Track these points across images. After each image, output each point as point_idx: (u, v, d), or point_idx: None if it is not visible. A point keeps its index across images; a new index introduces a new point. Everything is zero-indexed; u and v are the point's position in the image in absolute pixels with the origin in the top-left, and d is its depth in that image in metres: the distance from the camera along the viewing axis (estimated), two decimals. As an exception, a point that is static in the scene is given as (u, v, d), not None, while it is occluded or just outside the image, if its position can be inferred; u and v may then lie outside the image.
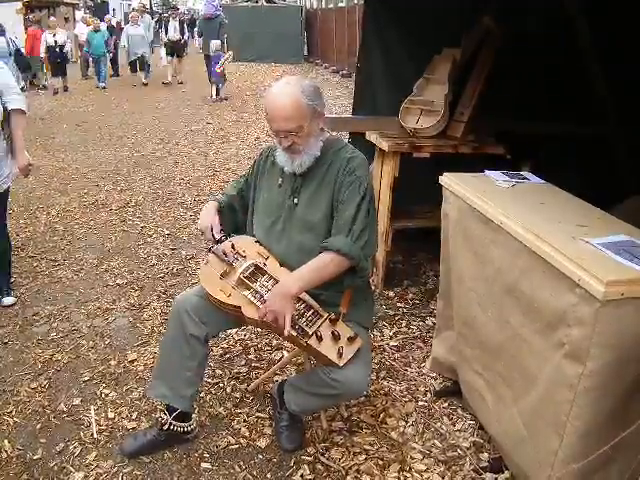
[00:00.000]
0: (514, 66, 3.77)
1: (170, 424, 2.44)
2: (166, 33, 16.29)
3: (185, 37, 18.14)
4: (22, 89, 10.42)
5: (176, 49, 15.28)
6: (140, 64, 15.01)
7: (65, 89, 13.92)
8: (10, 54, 10.01)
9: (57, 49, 13.44)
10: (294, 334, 2.12)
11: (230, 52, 12.92)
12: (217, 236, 2.36)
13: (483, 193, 2.47)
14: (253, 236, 2.42)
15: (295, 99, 2.13)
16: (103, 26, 16.11)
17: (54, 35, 13.46)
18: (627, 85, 3.45)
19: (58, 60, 13.52)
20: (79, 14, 21.88)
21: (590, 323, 1.77)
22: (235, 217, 2.54)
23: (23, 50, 12.13)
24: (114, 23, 20.12)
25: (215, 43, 12.31)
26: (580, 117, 3.71)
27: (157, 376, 2.47)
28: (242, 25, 19.29)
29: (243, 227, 2.54)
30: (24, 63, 10.89)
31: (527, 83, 3.89)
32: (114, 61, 16.70)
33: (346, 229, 2.18)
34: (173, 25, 15.75)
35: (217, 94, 12.79)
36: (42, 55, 13.45)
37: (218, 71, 12.17)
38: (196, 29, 15.70)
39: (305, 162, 2.24)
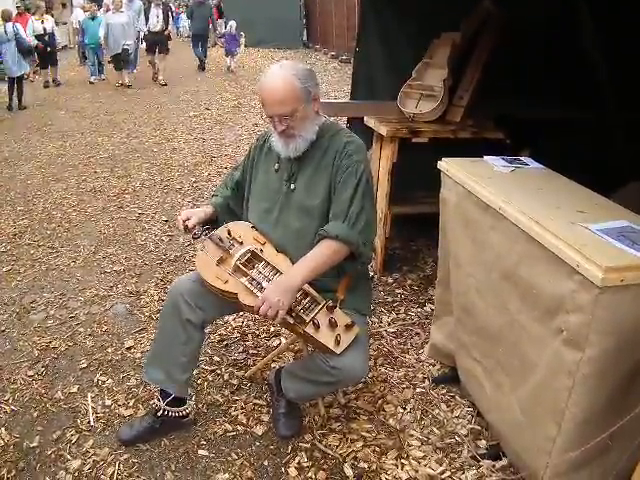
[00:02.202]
0: (514, 51, 3.72)
1: (164, 410, 2.43)
2: (146, 23, 12.97)
3: (170, 27, 14.22)
4: (22, 77, 10.31)
5: (158, 43, 12.90)
6: (123, 60, 12.35)
7: (56, 83, 12.62)
8: (9, 40, 9.98)
9: (46, 37, 11.88)
10: (291, 322, 2.10)
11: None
12: (190, 225, 2.32)
13: (482, 178, 2.45)
14: (249, 222, 2.40)
15: (289, 82, 2.09)
16: (101, 13, 14.04)
17: (42, 22, 11.90)
18: (627, 70, 3.42)
19: (47, 49, 11.95)
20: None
21: (589, 310, 1.75)
22: (233, 218, 2.50)
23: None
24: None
25: (232, 23, 14.74)
26: (580, 102, 3.67)
27: (152, 360, 2.46)
28: (240, 10, 19.01)
29: None
30: (25, 49, 10.70)
31: (527, 68, 3.85)
32: None
33: (343, 214, 2.16)
34: (155, 13, 12.87)
35: (201, 67, 15.03)
36: (33, 43, 11.33)
37: (239, 49, 15.17)
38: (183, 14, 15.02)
39: (300, 146, 2.21)
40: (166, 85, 12.57)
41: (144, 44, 13.54)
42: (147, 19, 12.95)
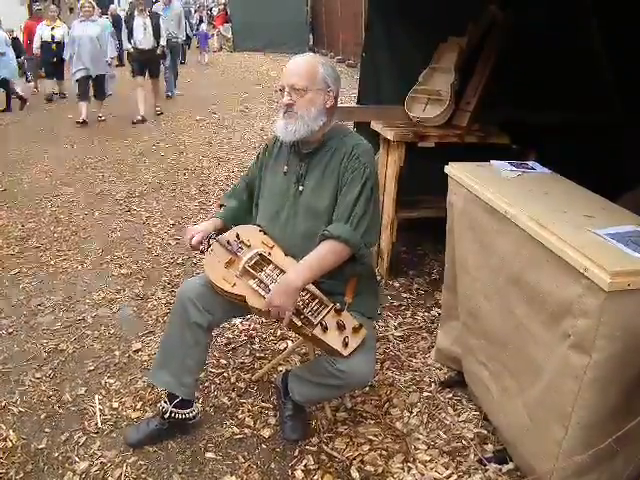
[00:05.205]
0: (521, 55, 3.73)
1: (171, 412, 2.43)
2: (130, 37, 9.42)
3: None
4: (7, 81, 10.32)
5: (148, 63, 9.55)
6: (94, 87, 9.35)
7: (62, 95, 11.44)
8: (7, 44, 10.27)
9: (53, 46, 10.31)
10: (299, 324, 2.11)
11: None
12: (194, 242, 2.36)
13: (488, 183, 2.45)
14: (258, 225, 2.41)
15: (313, 64, 2.21)
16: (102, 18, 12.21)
17: (52, 29, 10.30)
18: (633, 73, 3.42)
19: (54, 59, 10.46)
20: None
21: (596, 314, 1.75)
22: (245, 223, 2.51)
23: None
24: (120, 13, 16.77)
25: (203, 25, 17.39)
26: (587, 106, 3.67)
27: (159, 363, 2.46)
28: (243, 13, 18.90)
29: None
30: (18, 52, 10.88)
31: (534, 72, 3.85)
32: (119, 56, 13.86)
33: (346, 216, 2.17)
34: (142, 23, 9.27)
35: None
36: (35, 51, 10.59)
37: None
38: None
39: (300, 129, 2.21)
40: (162, 114, 9.97)
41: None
42: (131, 33, 9.41)
